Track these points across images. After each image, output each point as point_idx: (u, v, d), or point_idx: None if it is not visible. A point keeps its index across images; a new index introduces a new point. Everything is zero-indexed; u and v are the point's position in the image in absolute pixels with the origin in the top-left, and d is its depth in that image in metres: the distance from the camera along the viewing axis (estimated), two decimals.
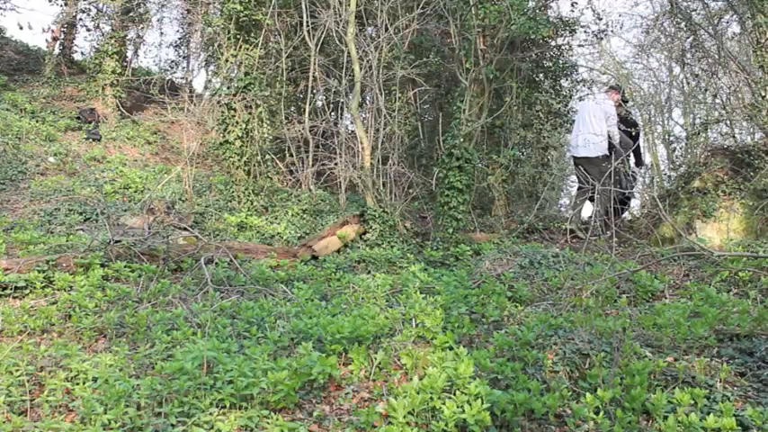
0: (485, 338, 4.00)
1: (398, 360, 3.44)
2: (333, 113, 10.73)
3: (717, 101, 10.17)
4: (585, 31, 10.67)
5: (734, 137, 9.98)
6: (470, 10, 8.06)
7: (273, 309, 4.26)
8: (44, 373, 3.12)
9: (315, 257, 6.70)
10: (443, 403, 2.70)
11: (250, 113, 9.12)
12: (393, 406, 2.67)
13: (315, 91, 10.56)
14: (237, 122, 9.12)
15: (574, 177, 18.59)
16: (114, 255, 5.38)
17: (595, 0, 13.49)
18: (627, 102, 9.97)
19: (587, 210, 8.95)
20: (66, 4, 12.83)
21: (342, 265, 6.35)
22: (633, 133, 9.05)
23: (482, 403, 2.67)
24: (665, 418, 2.64)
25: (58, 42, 13.26)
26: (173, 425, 2.65)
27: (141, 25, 13.51)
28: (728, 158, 8.10)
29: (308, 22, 9.22)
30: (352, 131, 9.53)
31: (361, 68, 8.58)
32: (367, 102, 10.94)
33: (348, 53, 8.66)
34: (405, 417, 2.66)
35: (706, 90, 10.70)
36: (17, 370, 2.99)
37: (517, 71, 9.87)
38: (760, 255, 5.49)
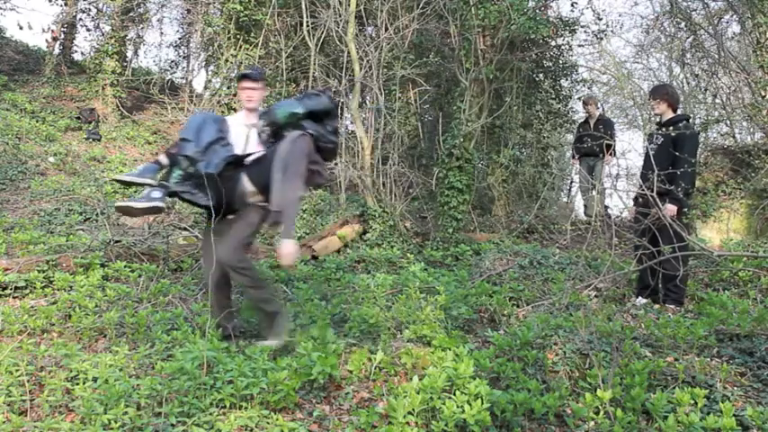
0: (497, 337, 4.00)
1: (398, 360, 3.44)
2: None
3: (717, 101, 10.17)
4: (585, 31, 10.66)
5: (734, 137, 9.98)
6: (470, 10, 8.05)
7: None
8: (44, 373, 3.11)
9: (315, 257, 6.70)
10: (443, 403, 2.70)
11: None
12: (393, 406, 2.67)
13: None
14: None
15: (574, 177, 18.61)
16: (114, 255, 5.37)
17: (595, 0, 13.51)
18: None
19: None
20: (66, 4, 12.83)
21: (342, 265, 6.34)
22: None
23: (482, 403, 2.67)
24: (665, 418, 2.64)
25: (58, 42, 13.25)
26: (173, 425, 2.65)
27: (141, 25, 13.50)
28: (728, 158, 8.10)
29: (308, 22, 9.22)
30: (352, 131, 9.53)
31: (361, 68, 8.58)
32: (367, 102, 10.94)
33: (348, 53, 8.66)
34: (405, 417, 2.66)
35: (706, 90, 10.70)
36: (17, 370, 2.98)
37: (517, 71, 9.87)
38: (760, 255, 5.49)
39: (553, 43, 10.56)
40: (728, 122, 9.86)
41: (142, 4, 13.11)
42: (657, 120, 5.11)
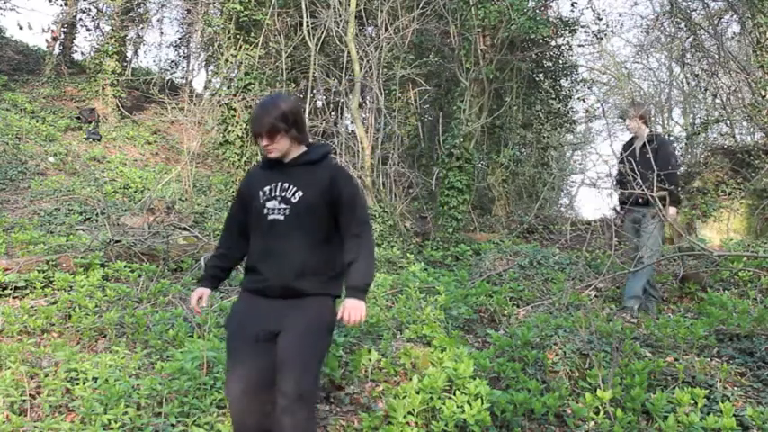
0: (496, 337, 4.00)
1: (398, 360, 3.44)
2: (333, 113, 10.72)
3: (717, 101, 10.17)
4: (585, 31, 10.67)
5: (734, 137, 9.98)
6: (470, 10, 8.06)
7: None
8: (44, 373, 3.11)
9: None
10: (443, 403, 2.70)
11: (250, 113, 9.11)
12: (393, 406, 2.67)
13: (315, 91, 10.55)
14: (238, 122, 9.12)
15: (574, 177, 18.66)
16: (114, 255, 5.37)
17: (595, 0, 13.51)
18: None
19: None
20: (66, 4, 12.83)
21: None
22: None
23: (482, 403, 2.67)
24: (665, 418, 2.64)
25: (58, 42, 13.25)
26: (173, 425, 2.65)
27: (141, 25, 13.51)
28: (728, 158, 8.10)
29: (308, 22, 9.21)
30: (352, 131, 9.53)
31: (361, 68, 8.58)
32: (367, 102, 10.94)
33: (348, 53, 8.66)
34: (405, 417, 2.66)
35: (706, 90, 10.70)
36: (17, 370, 2.99)
37: (517, 71, 9.87)
38: (760, 255, 5.50)
39: (553, 43, 10.57)
40: (728, 122, 9.86)
41: (142, 4, 13.11)
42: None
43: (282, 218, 2.25)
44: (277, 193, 2.29)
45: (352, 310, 2.22)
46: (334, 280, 2.31)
